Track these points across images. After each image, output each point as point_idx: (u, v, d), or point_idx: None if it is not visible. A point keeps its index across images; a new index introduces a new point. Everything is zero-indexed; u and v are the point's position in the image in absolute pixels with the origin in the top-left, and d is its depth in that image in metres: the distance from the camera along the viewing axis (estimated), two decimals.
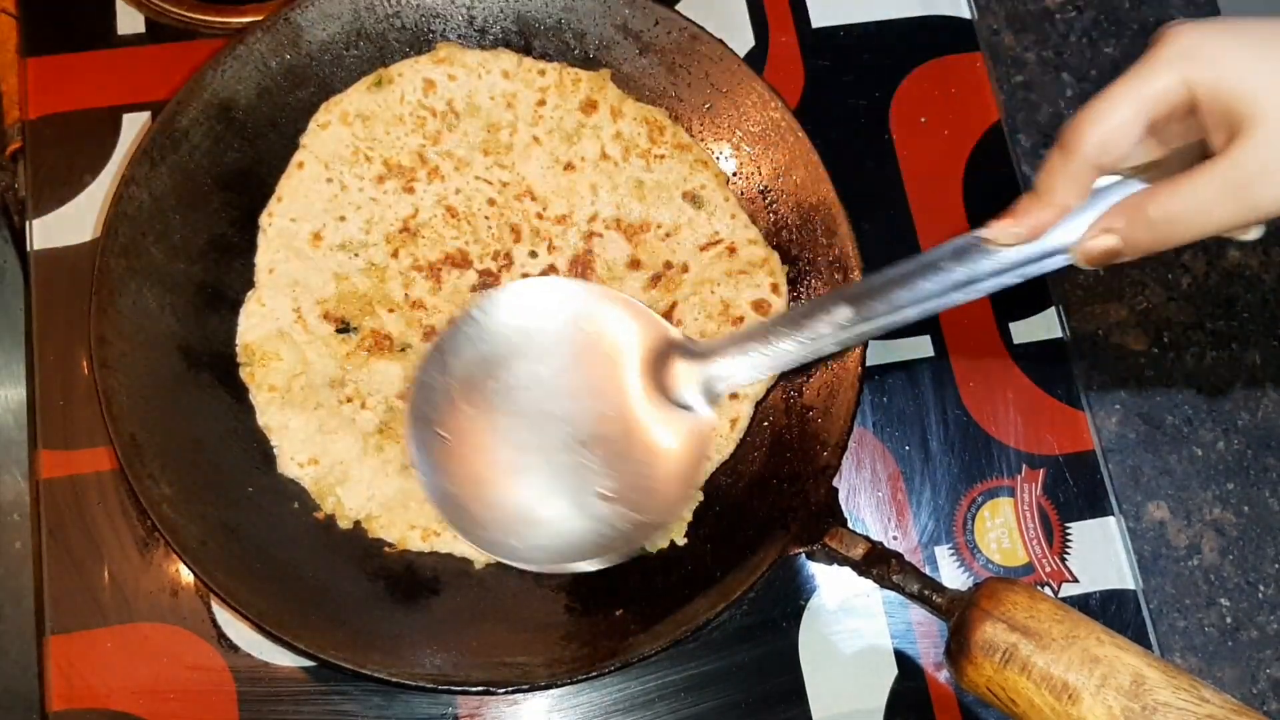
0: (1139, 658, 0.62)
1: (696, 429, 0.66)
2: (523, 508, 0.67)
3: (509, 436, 0.67)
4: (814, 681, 0.78)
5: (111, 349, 0.72)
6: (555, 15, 0.85)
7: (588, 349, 0.67)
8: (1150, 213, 0.57)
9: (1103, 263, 0.61)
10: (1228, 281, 0.92)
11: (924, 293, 0.63)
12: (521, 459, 0.67)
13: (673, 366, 0.66)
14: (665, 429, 0.66)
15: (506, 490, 0.67)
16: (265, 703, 0.75)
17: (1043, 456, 0.85)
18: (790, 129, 0.82)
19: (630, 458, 0.67)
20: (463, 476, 0.67)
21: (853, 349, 0.76)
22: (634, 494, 0.67)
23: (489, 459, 0.66)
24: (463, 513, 0.67)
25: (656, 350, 0.67)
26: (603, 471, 0.66)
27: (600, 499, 0.66)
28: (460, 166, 0.83)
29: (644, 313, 0.68)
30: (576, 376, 0.67)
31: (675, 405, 0.66)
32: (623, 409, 0.67)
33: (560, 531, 0.67)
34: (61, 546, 0.77)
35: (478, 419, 0.67)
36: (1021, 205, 0.61)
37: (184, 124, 0.78)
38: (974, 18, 0.97)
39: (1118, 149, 0.57)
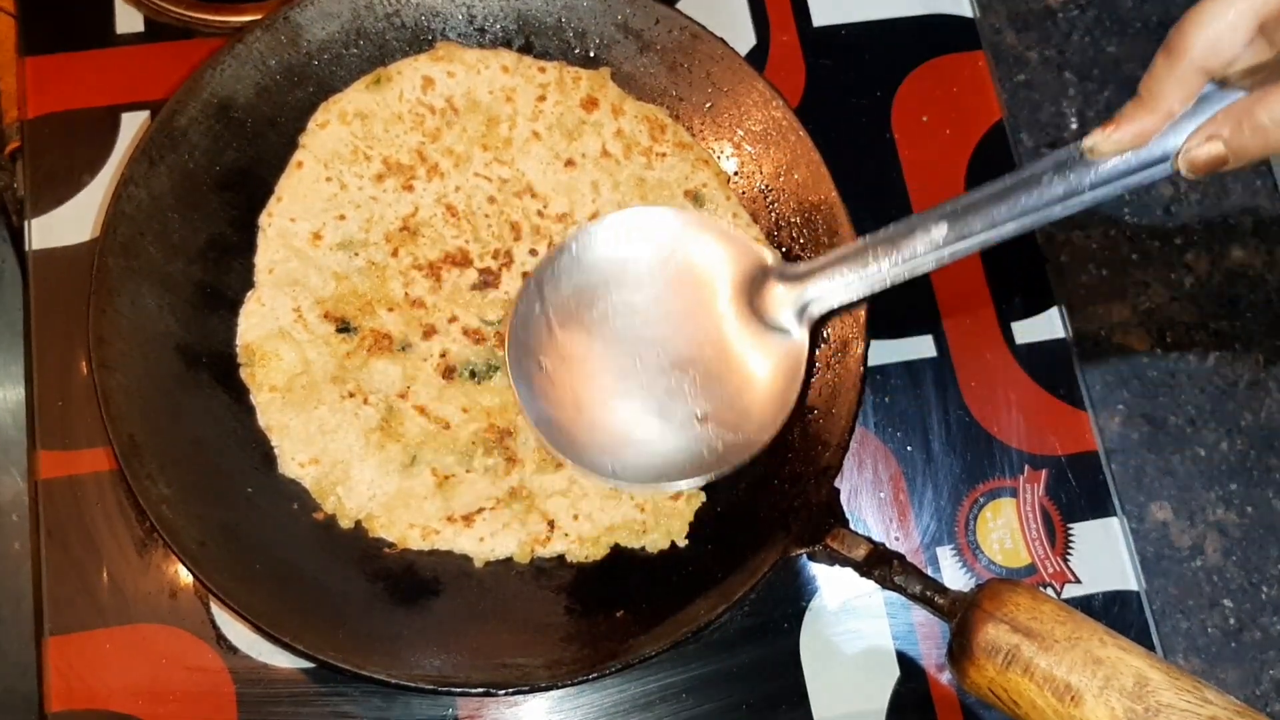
0: (1142, 659, 0.61)
1: (790, 351, 0.67)
2: (621, 430, 0.68)
3: (606, 362, 0.68)
4: (815, 683, 0.78)
5: (110, 349, 0.72)
6: (555, 14, 0.84)
7: (682, 274, 0.69)
8: (1260, 116, 0.56)
9: (1207, 171, 0.59)
10: (1231, 282, 0.92)
11: (1023, 207, 0.62)
12: (619, 383, 0.68)
13: (767, 290, 0.67)
14: (759, 351, 0.68)
15: (605, 414, 0.68)
16: (264, 704, 0.75)
17: (1045, 457, 0.85)
18: (791, 128, 0.82)
19: (725, 379, 0.68)
20: (562, 402, 0.69)
21: (855, 356, 0.76)
22: (729, 414, 0.68)
23: (587, 384, 0.68)
24: (564, 437, 0.69)
25: (750, 274, 0.68)
26: (698, 394, 0.68)
27: (696, 420, 0.67)
28: (459, 163, 0.83)
29: (738, 237, 0.69)
30: (671, 302, 0.69)
31: (769, 328, 0.67)
32: (717, 332, 0.68)
33: (657, 452, 0.68)
34: (60, 547, 0.77)
35: (575, 346, 0.69)
36: (1125, 112, 0.59)
37: (183, 123, 0.77)
38: (976, 16, 0.97)
39: (1227, 51, 0.56)
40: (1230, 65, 0.57)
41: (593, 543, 0.76)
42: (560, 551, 0.76)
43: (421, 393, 0.78)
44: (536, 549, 0.76)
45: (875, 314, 0.78)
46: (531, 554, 0.76)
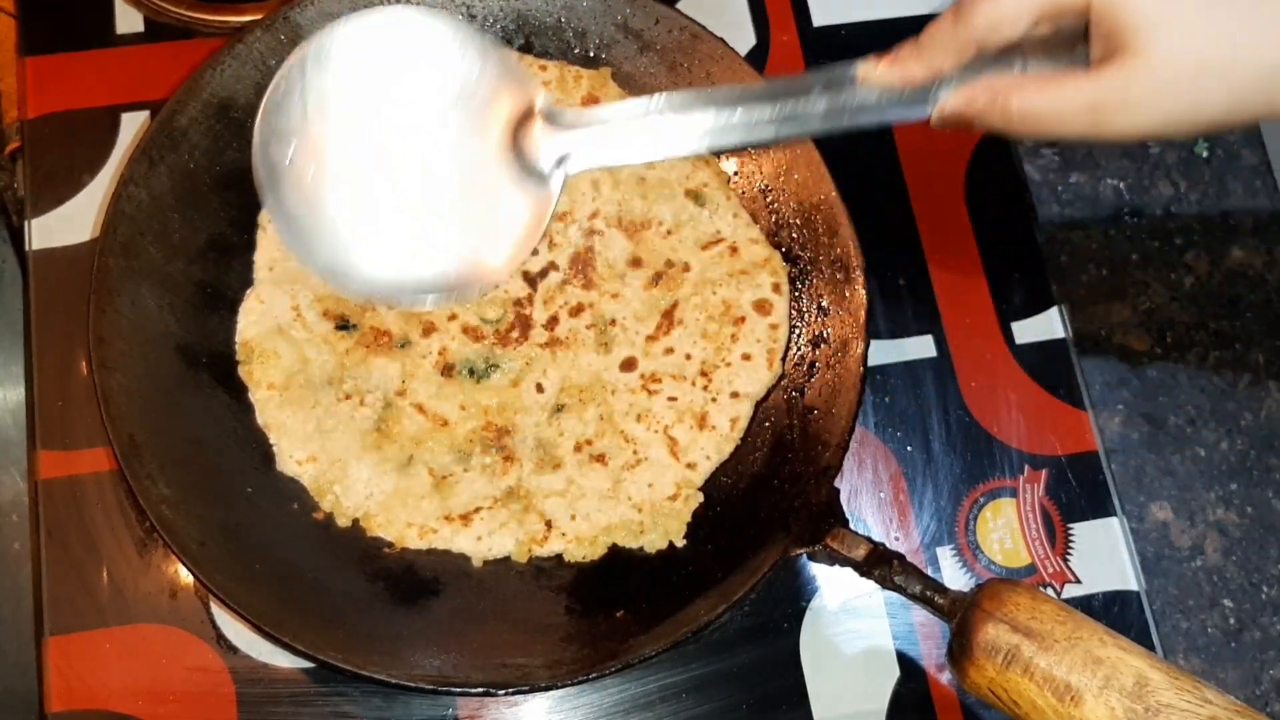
0: (1142, 659, 0.61)
1: (542, 197, 0.66)
2: (361, 235, 0.66)
3: (356, 162, 0.65)
4: (816, 683, 0.78)
5: (110, 349, 0.72)
6: (555, 14, 0.84)
7: (453, 91, 0.66)
8: (1012, 102, 0.59)
9: (951, 126, 0.62)
10: (1231, 282, 0.92)
11: (786, 113, 0.63)
12: (366, 189, 0.66)
13: (532, 129, 0.66)
14: (514, 188, 0.66)
15: (347, 215, 0.65)
16: (264, 704, 0.75)
17: (1045, 457, 0.85)
18: None
19: (476, 205, 0.66)
20: (305, 196, 0.65)
21: (856, 346, 0.76)
22: (471, 239, 0.66)
23: (335, 183, 0.65)
24: (301, 231, 0.66)
25: (521, 109, 0.66)
26: (447, 212, 0.66)
27: (437, 241, 0.66)
28: None
29: (518, 70, 0.67)
30: (439, 116, 0.66)
31: (527, 168, 0.66)
32: (479, 157, 0.66)
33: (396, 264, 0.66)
34: (60, 547, 0.77)
35: (327, 138, 0.65)
36: (901, 54, 0.62)
37: (183, 123, 0.77)
38: None
39: (1005, 30, 0.59)
40: (1006, 42, 0.60)
41: (590, 543, 0.76)
42: (558, 551, 0.76)
43: (420, 390, 0.78)
44: (534, 548, 0.76)
45: (875, 314, 0.78)
46: (529, 553, 0.76)
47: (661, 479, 0.78)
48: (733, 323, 0.81)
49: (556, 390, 0.79)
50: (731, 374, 0.80)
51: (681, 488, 0.78)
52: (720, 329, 0.81)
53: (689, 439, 0.79)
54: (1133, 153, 0.95)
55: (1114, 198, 0.94)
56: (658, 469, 0.78)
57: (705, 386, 0.80)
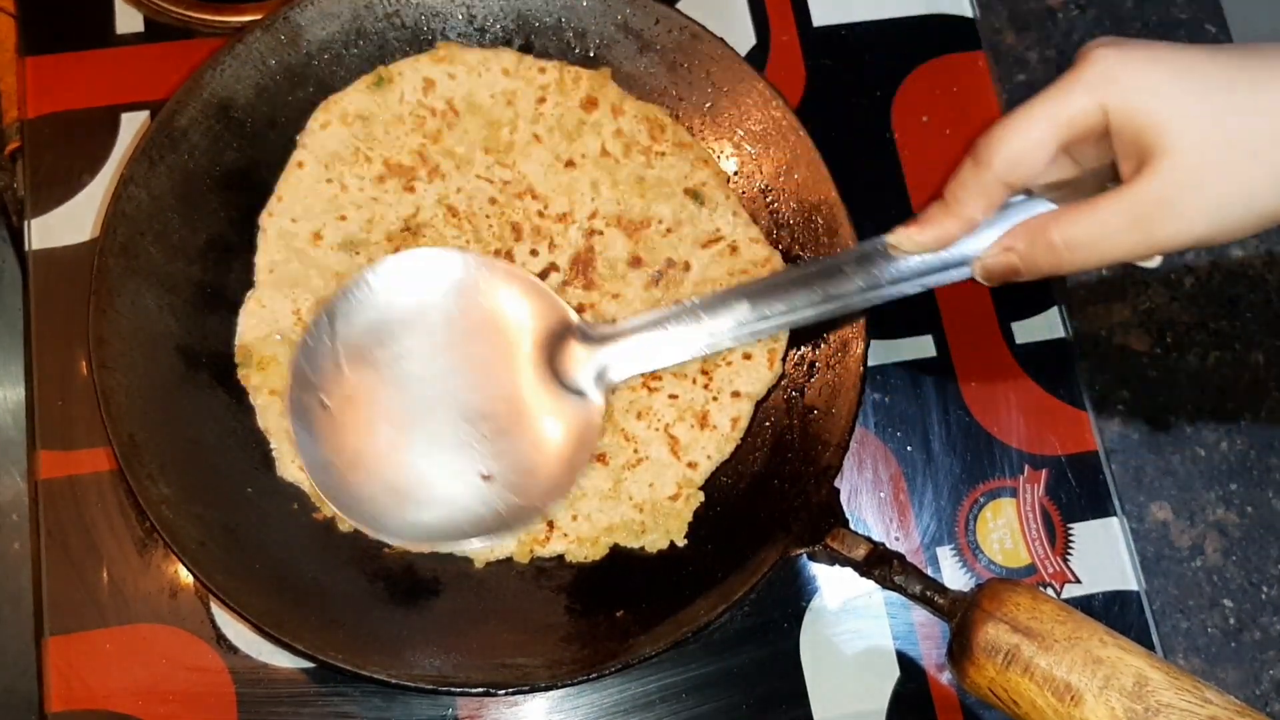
0: (1142, 659, 0.61)
1: (585, 416, 0.65)
2: (401, 483, 0.65)
3: (393, 408, 0.65)
4: (816, 683, 0.78)
5: (110, 349, 0.72)
6: (555, 14, 0.84)
7: (482, 325, 0.66)
8: (1053, 236, 0.57)
9: (1001, 281, 0.61)
10: (1231, 282, 0.92)
11: (823, 295, 0.64)
12: (404, 432, 0.65)
13: (568, 350, 0.66)
14: (553, 413, 0.65)
15: (386, 463, 0.65)
16: (264, 704, 0.75)
17: (1045, 457, 0.85)
18: (791, 128, 0.82)
19: (515, 438, 0.66)
20: (342, 446, 0.65)
21: (854, 354, 0.76)
22: (515, 475, 0.65)
23: (371, 430, 0.65)
24: (339, 484, 0.65)
25: (552, 331, 0.66)
26: (486, 451, 0.65)
27: (481, 478, 0.65)
28: (461, 165, 0.83)
29: (543, 292, 0.67)
30: (468, 352, 0.66)
31: (566, 389, 0.65)
32: (512, 389, 0.65)
33: (437, 509, 0.65)
34: (60, 547, 0.77)
35: (361, 387, 0.65)
36: (929, 214, 0.60)
37: (183, 123, 0.77)
38: (976, 16, 0.97)
39: (1029, 167, 0.57)
40: (1034, 179, 0.58)
41: (591, 543, 0.76)
42: (559, 551, 0.76)
43: None
44: (535, 548, 0.76)
45: (875, 314, 0.78)
46: (531, 553, 0.76)
47: (662, 478, 0.78)
48: None
49: None
50: (732, 373, 0.80)
51: (682, 487, 0.78)
52: None
53: (690, 438, 0.79)
54: None
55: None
56: (658, 468, 0.78)
57: (706, 385, 0.80)
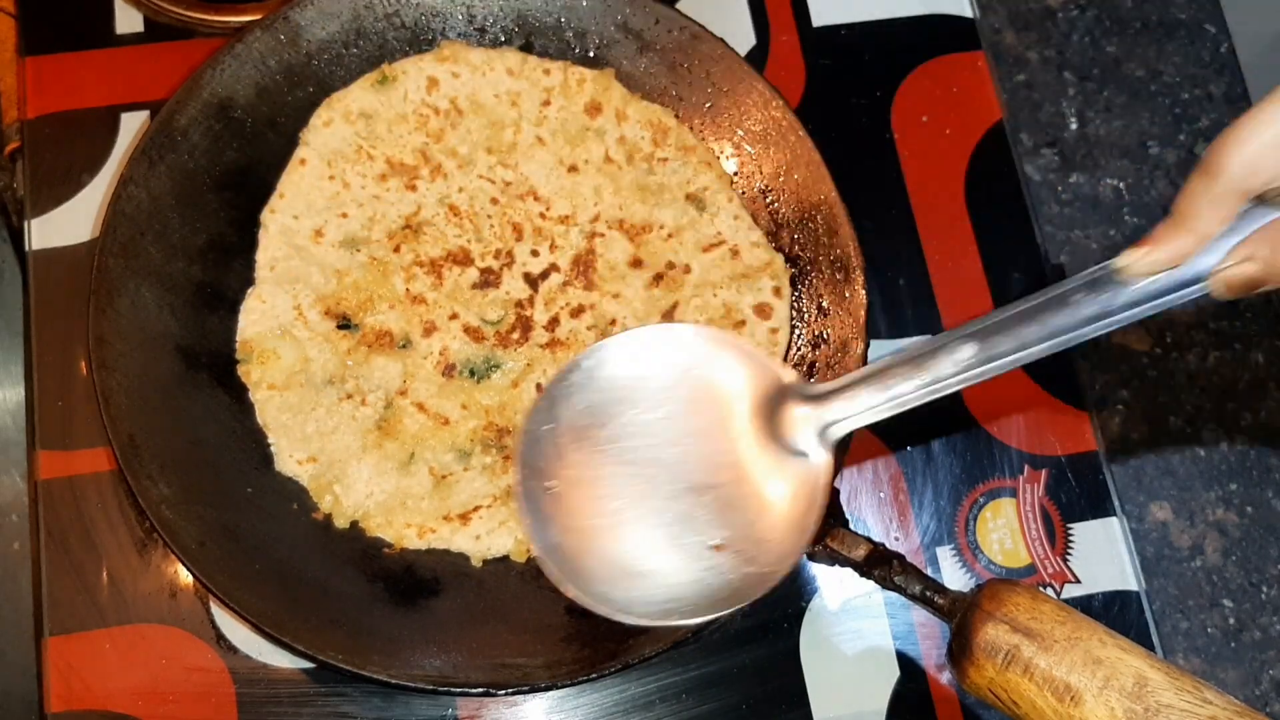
0: (1142, 659, 0.61)
1: (811, 475, 0.63)
2: (631, 558, 0.64)
3: (617, 485, 0.65)
4: (816, 683, 0.78)
5: (110, 349, 0.72)
6: (555, 14, 0.84)
7: (698, 395, 0.65)
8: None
9: (1244, 292, 0.57)
10: None
11: (1053, 328, 0.60)
12: (630, 508, 0.65)
13: (786, 411, 0.63)
14: (778, 475, 0.64)
15: (614, 540, 0.64)
16: (264, 704, 0.75)
17: (1045, 457, 0.85)
18: (791, 128, 0.81)
19: (742, 506, 0.64)
20: (570, 527, 0.64)
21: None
22: (745, 543, 0.64)
23: (597, 508, 0.64)
24: (570, 564, 0.64)
25: (769, 394, 0.64)
26: (713, 520, 0.64)
27: (710, 549, 0.64)
28: (463, 165, 0.83)
29: (756, 356, 0.66)
30: (686, 423, 0.65)
31: (788, 450, 0.64)
32: (734, 455, 0.64)
33: (669, 584, 0.64)
34: (60, 548, 0.77)
35: (585, 468, 0.64)
36: (1160, 232, 0.58)
37: (183, 123, 0.77)
38: (976, 16, 0.97)
39: (1267, 172, 0.54)
40: (1270, 184, 0.55)
41: None
42: None
43: (421, 390, 0.78)
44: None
45: (875, 314, 0.78)
46: (528, 552, 0.76)
47: None
48: (733, 325, 0.80)
49: None
50: None
51: None
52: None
53: None
54: (1133, 153, 0.95)
55: (1114, 198, 0.94)
56: None
57: None
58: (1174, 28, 0.99)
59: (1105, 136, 0.95)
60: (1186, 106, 0.96)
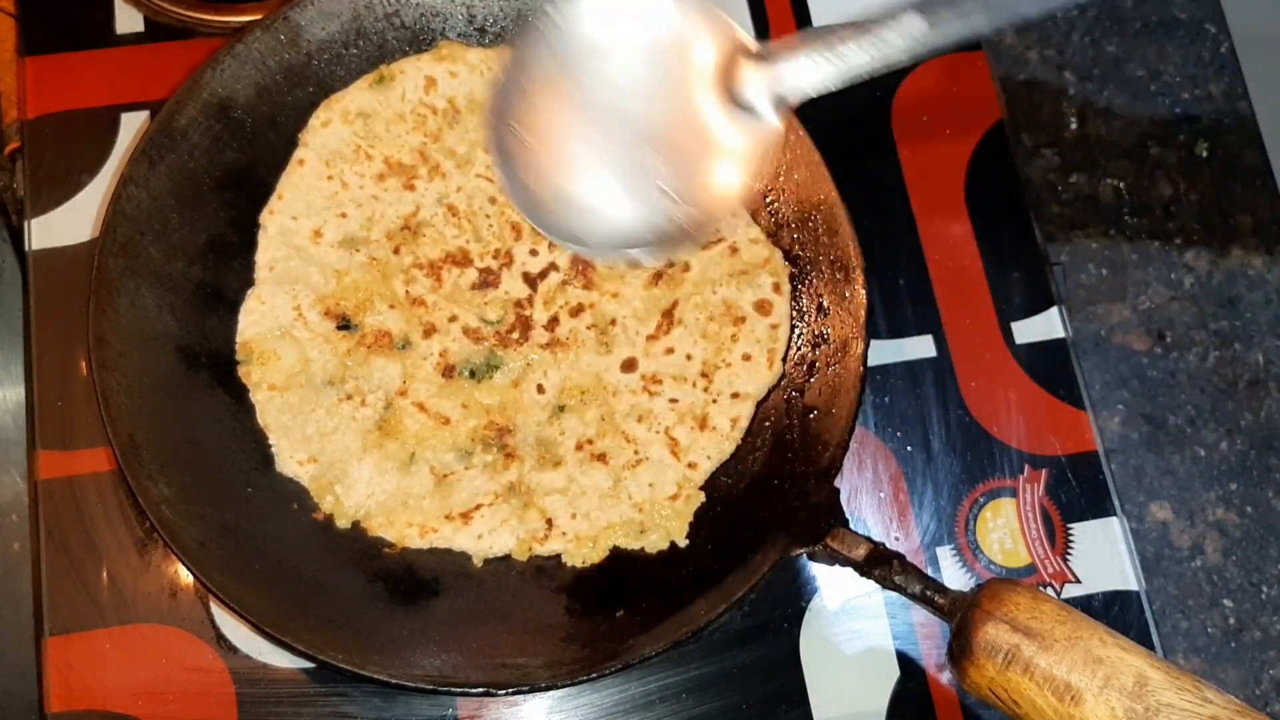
0: (1142, 659, 0.61)
1: (759, 132, 0.68)
2: (590, 200, 0.70)
3: (580, 131, 0.69)
4: (816, 683, 0.78)
5: (110, 349, 0.72)
6: None
7: (660, 52, 0.69)
8: None
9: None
10: (1231, 281, 0.92)
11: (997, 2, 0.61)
12: (590, 154, 0.70)
13: (742, 70, 0.67)
14: (729, 130, 0.68)
15: (575, 183, 0.70)
16: (264, 704, 0.75)
17: (1045, 457, 0.85)
18: (791, 128, 0.81)
19: (693, 157, 0.69)
20: (535, 170, 0.70)
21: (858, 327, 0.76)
22: (692, 189, 0.69)
23: (560, 154, 0.70)
24: (536, 203, 0.70)
25: (728, 54, 0.68)
26: (666, 167, 0.68)
27: (661, 193, 0.69)
28: (461, 164, 0.83)
29: (719, 18, 0.70)
30: (647, 78, 0.70)
31: (743, 109, 0.68)
32: (689, 110, 0.68)
33: (623, 221, 0.69)
34: (60, 547, 0.77)
35: (551, 115, 0.69)
36: None
37: (182, 123, 0.77)
38: None
39: None
40: None
41: (591, 542, 0.76)
42: (557, 550, 0.76)
43: (421, 390, 0.78)
44: (535, 546, 0.76)
45: (875, 314, 0.78)
46: (529, 551, 0.76)
47: (662, 478, 0.78)
48: (733, 323, 0.81)
49: (557, 391, 0.79)
50: (732, 374, 0.80)
51: (682, 487, 0.78)
52: (721, 329, 0.81)
53: (690, 439, 0.79)
54: (1132, 153, 0.95)
55: (1114, 198, 0.94)
56: (659, 468, 0.78)
57: (706, 388, 0.80)
58: (1174, 28, 0.99)
59: (1105, 136, 0.95)
60: (1186, 106, 0.96)
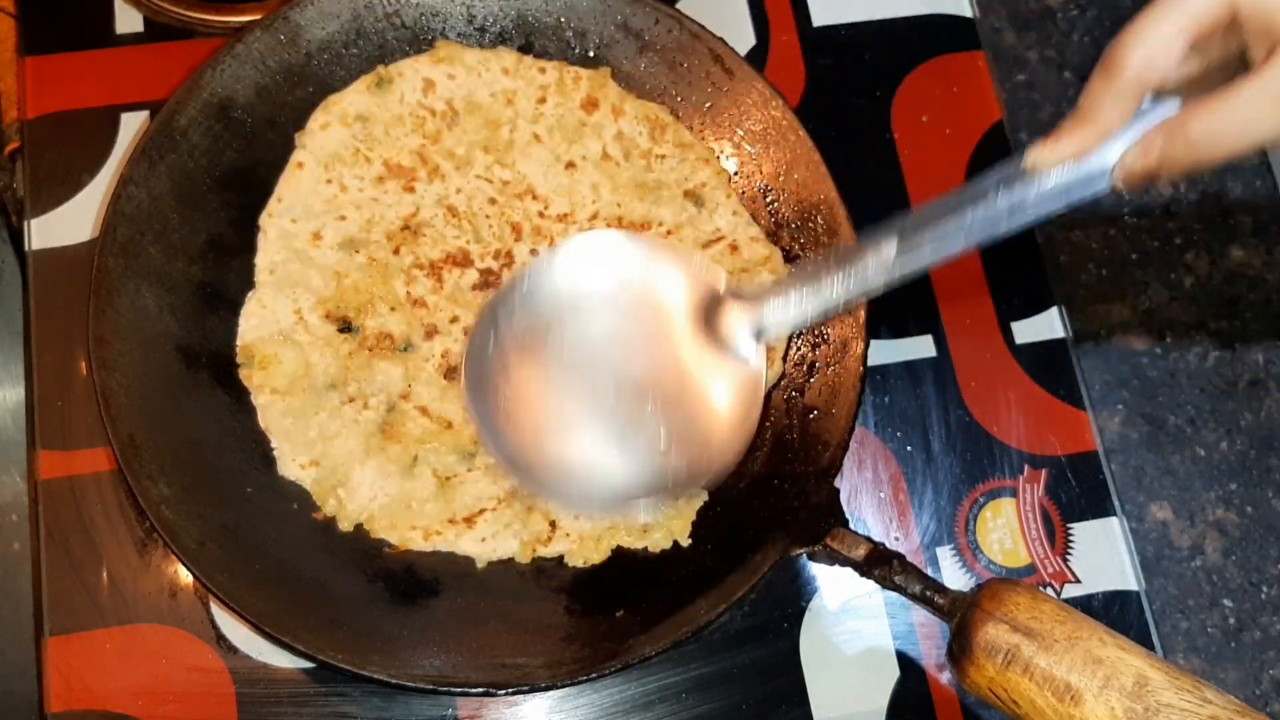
0: (1142, 659, 0.61)
1: (747, 375, 0.67)
2: (582, 461, 0.68)
3: (564, 393, 0.68)
4: (815, 683, 0.78)
5: (110, 349, 0.72)
6: (555, 14, 0.84)
7: (637, 301, 0.69)
8: (1192, 130, 0.57)
9: (1141, 183, 0.60)
10: (1231, 281, 0.92)
11: (970, 222, 0.63)
12: (578, 414, 0.68)
13: (724, 314, 0.67)
14: (718, 376, 0.68)
15: (565, 446, 0.68)
16: (264, 704, 0.75)
17: (1045, 457, 0.85)
18: (791, 128, 0.82)
19: (684, 406, 0.68)
20: (522, 435, 0.68)
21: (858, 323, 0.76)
22: (689, 441, 0.68)
23: (547, 417, 0.68)
24: (525, 467, 0.69)
25: (706, 297, 0.68)
26: (658, 421, 0.68)
27: (656, 448, 0.67)
28: (461, 165, 0.83)
29: (692, 260, 0.69)
30: (627, 329, 0.69)
31: (727, 352, 0.67)
32: (674, 358, 0.68)
33: (619, 481, 0.68)
34: (60, 548, 0.77)
35: (532, 377, 0.68)
36: (1064, 127, 0.60)
37: (182, 123, 0.77)
38: (976, 16, 0.97)
39: (1162, 67, 0.57)
40: (1166, 80, 0.58)
41: (594, 541, 0.76)
42: (561, 551, 0.76)
43: (423, 393, 0.78)
44: (538, 549, 0.76)
45: (875, 314, 0.78)
46: (533, 554, 0.76)
47: None
48: None
49: None
50: None
51: None
52: None
53: None
54: None
55: (1114, 198, 0.94)
56: None
57: None
58: None
59: None
60: None
